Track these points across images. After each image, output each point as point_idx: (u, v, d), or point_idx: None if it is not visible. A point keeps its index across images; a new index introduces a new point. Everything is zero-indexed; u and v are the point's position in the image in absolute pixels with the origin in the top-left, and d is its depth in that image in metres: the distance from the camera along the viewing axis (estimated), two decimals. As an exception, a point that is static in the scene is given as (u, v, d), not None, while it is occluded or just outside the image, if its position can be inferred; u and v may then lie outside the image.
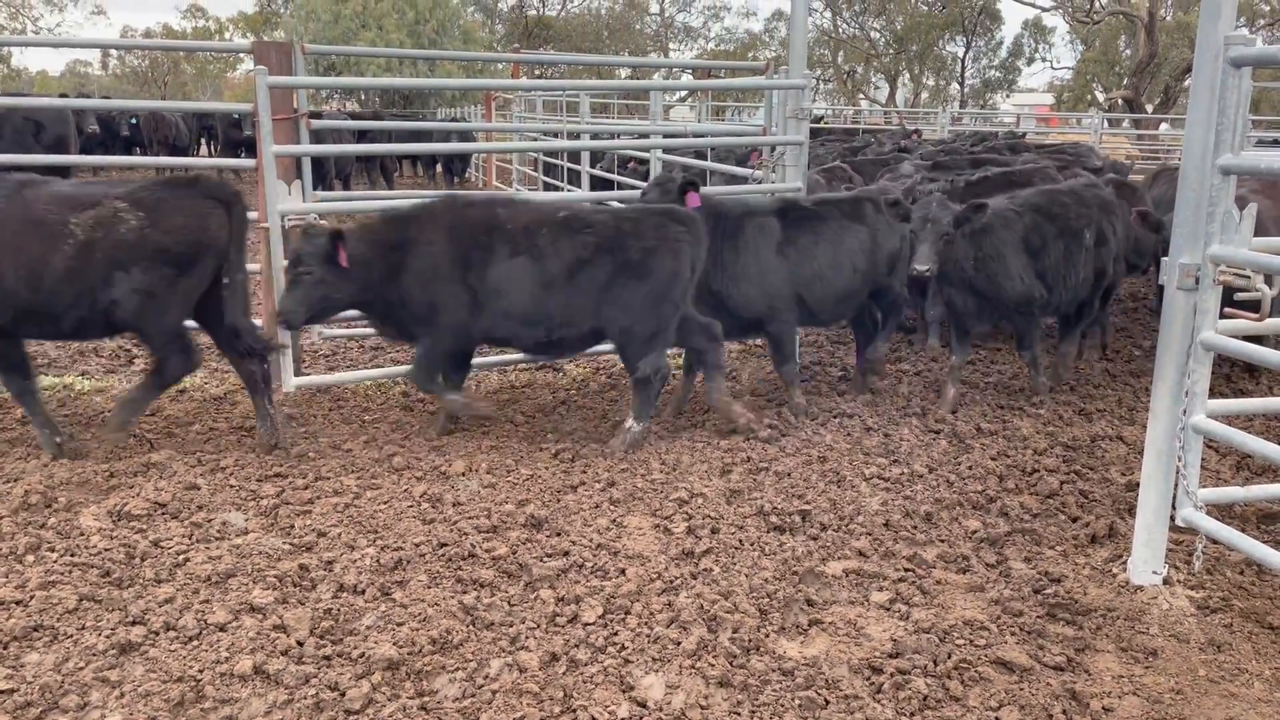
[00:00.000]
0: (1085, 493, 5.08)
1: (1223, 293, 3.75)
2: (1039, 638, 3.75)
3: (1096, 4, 41.85)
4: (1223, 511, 4.68)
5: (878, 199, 6.46)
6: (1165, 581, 4.10)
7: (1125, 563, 4.22)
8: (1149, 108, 37.56)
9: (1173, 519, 4.09)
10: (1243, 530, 4.17)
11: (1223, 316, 3.86)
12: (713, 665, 3.46)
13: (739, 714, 3.25)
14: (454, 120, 23.95)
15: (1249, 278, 3.60)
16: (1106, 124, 27.03)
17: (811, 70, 7.28)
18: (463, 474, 5.18)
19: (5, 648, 3.45)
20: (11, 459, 5.29)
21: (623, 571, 4.13)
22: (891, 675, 3.45)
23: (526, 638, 3.63)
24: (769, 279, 6.13)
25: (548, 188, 15.03)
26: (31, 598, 3.72)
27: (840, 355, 7.89)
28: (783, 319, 6.25)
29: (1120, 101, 37.31)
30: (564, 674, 3.43)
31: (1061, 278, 6.48)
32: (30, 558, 4.10)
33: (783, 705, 3.29)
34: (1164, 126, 31.86)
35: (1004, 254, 6.26)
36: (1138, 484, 4.29)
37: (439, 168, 22.87)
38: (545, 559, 4.22)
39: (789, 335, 6.35)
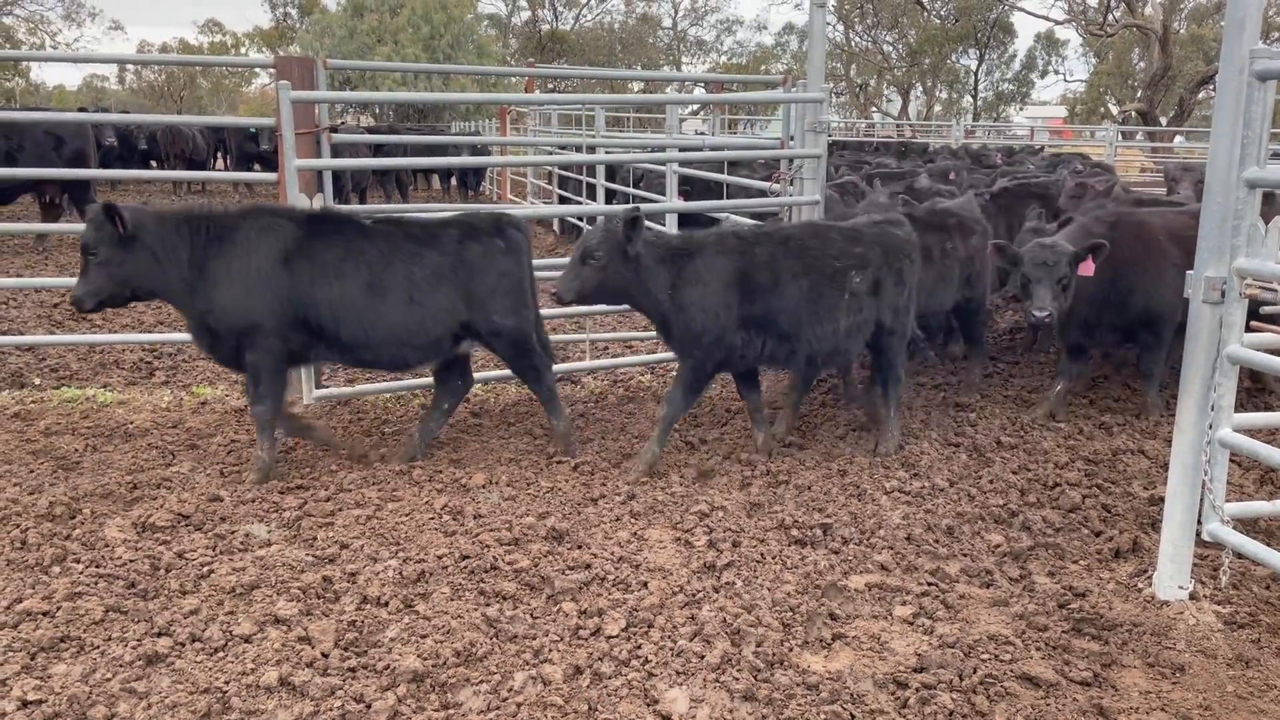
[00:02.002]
0: (1108, 507, 5.06)
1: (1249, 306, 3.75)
2: (1064, 653, 3.72)
3: (1110, 17, 41.80)
4: (1247, 526, 4.64)
5: (482, 223, 5.58)
6: (1191, 596, 4.07)
7: (1150, 577, 4.19)
8: (1163, 120, 37.45)
9: (1198, 533, 4.07)
10: (1269, 544, 4.14)
11: (1249, 330, 3.84)
12: (737, 679, 3.45)
13: (764, 728, 3.24)
14: (469, 134, 24.09)
15: (1276, 291, 3.59)
16: (1120, 136, 26.97)
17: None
18: (483, 486, 5.19)
19: (33, 658, 3.46)
20: (36, 470, 5.33)
21: (645, 584, 4.12)
22: (917, 690, 3.43)
23: (550, 650, 3.63)
24: (256, 292, 5.10)
25: (563, 201, 15.08)
26: (58, 609, 3.74)
27: (858, 372, 7.85)
28: (263, 345, 5.15)
29: (1134, 114, 37.24)
30: (588, 687, 3.43)
31: (805, 324, 5.49)
32: (56, 569, 4.13)
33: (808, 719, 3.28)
34: (1178, 139, 31.78)
35: (705, 282, 5.35)
36: (1161, 498, 4.27)
37: (454, 181, 22.98)
38: (567, 572, 4.22)
39: (268, 366, 5.22)
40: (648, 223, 5.44)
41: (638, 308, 5.60)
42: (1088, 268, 5.91)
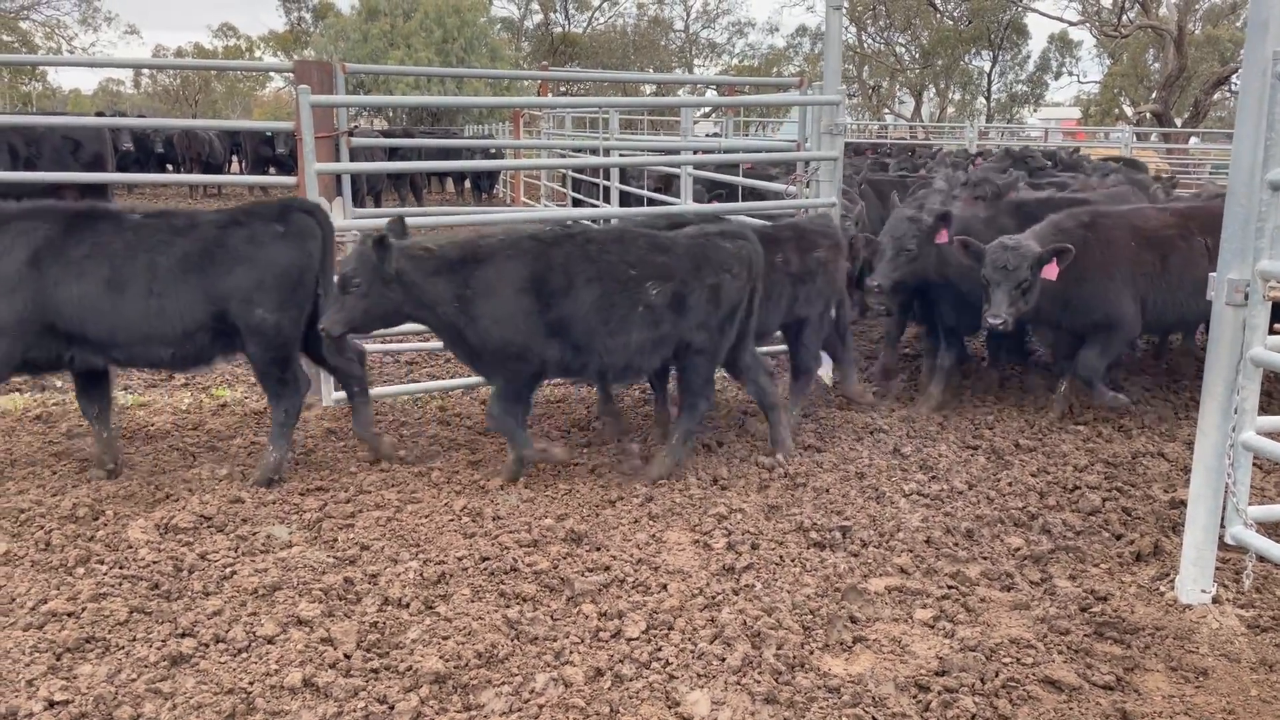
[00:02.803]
0: (1128, 510, 5.03)
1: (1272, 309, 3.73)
2: (1087, 656, 3.71)
3: (1124, 18, 41.61)
4: (1269, 529, 4.61)
5: (262, 207, 5.28)
6: (1214, 600, 4.05)
7: (1173, 581, 4.17)
8: (1178, 122, 37.24)
9: (1220, 537, 4.05)
10: (1292, 549, 4.12)
11: (1272, 332, 3.82)
12: (758, 682, 3.45)
13: (786, 731, 3.24)
14: (483, 137, 24.17)
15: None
16: (1135, 138, 26.84)
17: (837, 86, 7.27)
18: (501, 488, 5.20)
19: (59, 659, 3.50)
20: (59, 472, 5.38)
21: (664, 587, 4.13)
22: (939, 693, 3.43)
23: (571, 652, 3.63)
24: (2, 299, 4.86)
25: (577, 204, 15.11)
26: (83, 610, 3.77)
27: (870, 371, 7.85)
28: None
29: (1149, 115, 37.04)
30: (609, 689, 3.43)
31: (598, 335, 5.17)
32: (80, 570, 4.17)
33: (830, 722, 3.28)
34: (1194, 140, 31.59)
35: (497, 292, 5.07)
36: (1181, 501, 4.25)
37: (468, 184, 23.06)
38: (587, 573, 4.23)
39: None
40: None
41: (425, 324, 5.33)
42: (1051, 271, 5.71)
